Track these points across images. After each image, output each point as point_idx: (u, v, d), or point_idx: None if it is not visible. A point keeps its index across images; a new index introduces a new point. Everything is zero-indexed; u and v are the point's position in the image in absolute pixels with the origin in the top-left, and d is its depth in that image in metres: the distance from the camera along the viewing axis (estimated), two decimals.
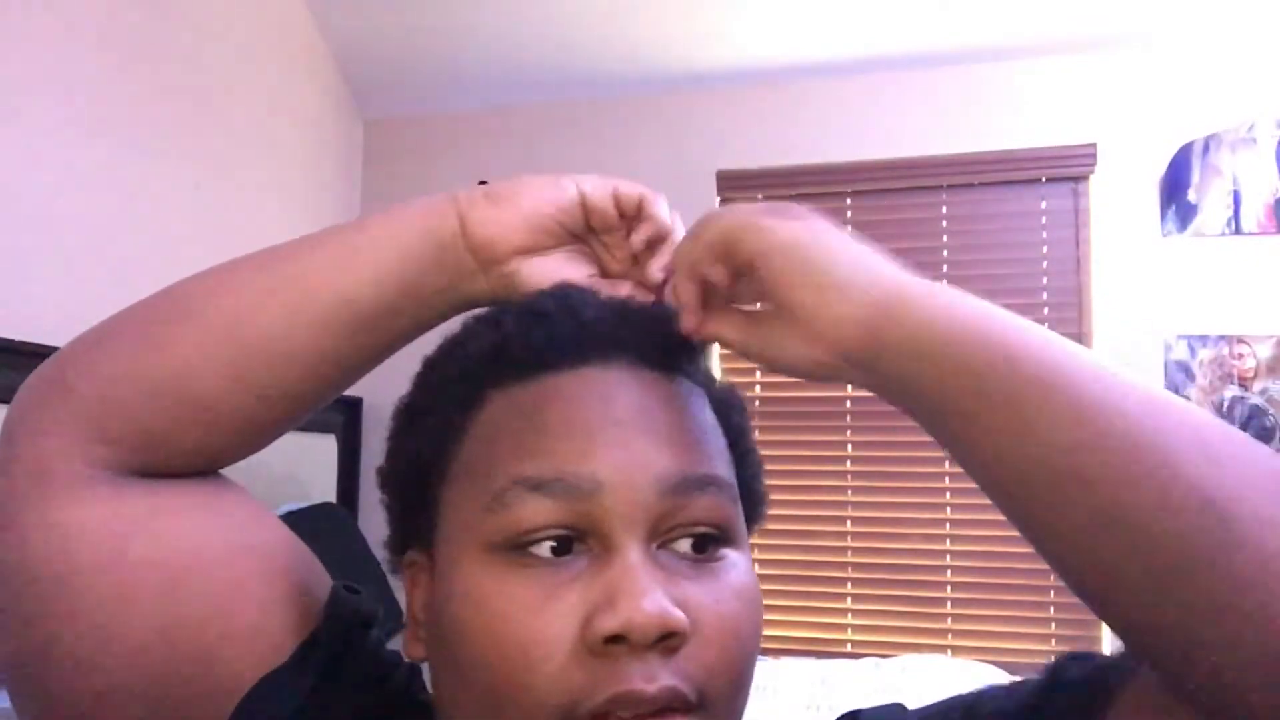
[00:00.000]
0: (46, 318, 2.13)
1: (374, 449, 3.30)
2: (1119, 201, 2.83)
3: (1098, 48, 2.86)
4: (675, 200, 2.68)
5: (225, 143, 2.76)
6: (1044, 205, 2.91)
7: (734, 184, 3.11)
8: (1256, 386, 2.70)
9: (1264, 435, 2.68)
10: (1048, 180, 2.90)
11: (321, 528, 2.66)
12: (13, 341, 1.97)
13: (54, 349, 2.16)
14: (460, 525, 0.44)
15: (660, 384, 0.47)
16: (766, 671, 2.28)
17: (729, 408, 0.51)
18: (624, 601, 0.39)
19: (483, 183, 0.55)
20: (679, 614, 0.40)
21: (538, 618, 0.40)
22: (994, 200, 2.95)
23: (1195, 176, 2.77)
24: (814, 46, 2.98)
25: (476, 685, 0.41)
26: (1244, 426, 2.69)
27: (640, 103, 3.22)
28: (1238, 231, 2.74)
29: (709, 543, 0.44)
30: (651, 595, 0.39)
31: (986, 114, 2.94)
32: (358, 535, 2.86)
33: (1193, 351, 2.74)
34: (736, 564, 0.45)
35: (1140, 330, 2.77)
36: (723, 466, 0.46)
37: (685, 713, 0.40)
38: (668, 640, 0.40)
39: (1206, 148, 2.77)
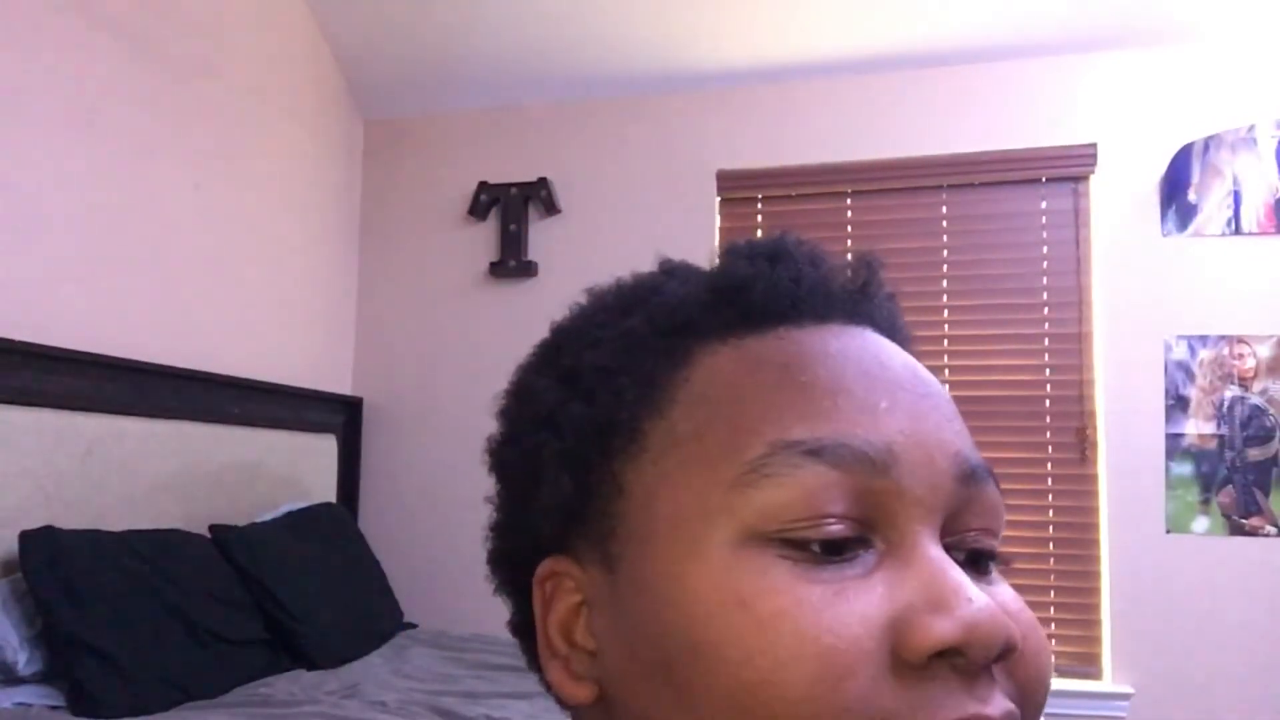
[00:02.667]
0: (47, 318, 2.13)
1: (374, 449, 3.31)
2: (1119, 201, 2.83)
3: (1098, 48, 2.86)
4: (675, 200, 2.72)
5: (226, 143, 2.76)
6: (1044, 205, 2.91)
7: (734, 184, 3.11)
8: (1256, 386, 2.70)
9: (1264, 435, 2.68)
10: (1048, 180, 2.90)
11: (321, 528, 2.66)
12: (13, 341, 1.97)
13: (54, 349, 2.17)
14: (688, 508, 0.34)
15: (918, 364, 0.38)
16: None
17: None
18: (956, 601, 0.31)
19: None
20: (1013, 623, 0.32)
21: (829, 619, 0.31)
22: (994, 200, 2.95)
23: (1195, 176, 2.77)
24: (814, 46, 2.98)
25: (738, 717, 0.31)
26: (1244, 426, 2.69)
27: (640, 103, 3.22)
28: (1238, 231, 2.74)
29: (985, 558, 0.36)
30: (985, 597, 0.31)
31: (986, 114, 2.94)
32: (358, 535, 2.86)
33: (1193, 351, 2.74)
34: (1006, 583, 0.37)
35: (1140, 330, 2.77)
36: None
37: None
38: (1004, 657, 0.32)
39: (1206, 148, 2.77)
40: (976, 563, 0.36)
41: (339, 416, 3.24)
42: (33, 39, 2.13)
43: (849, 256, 0.42)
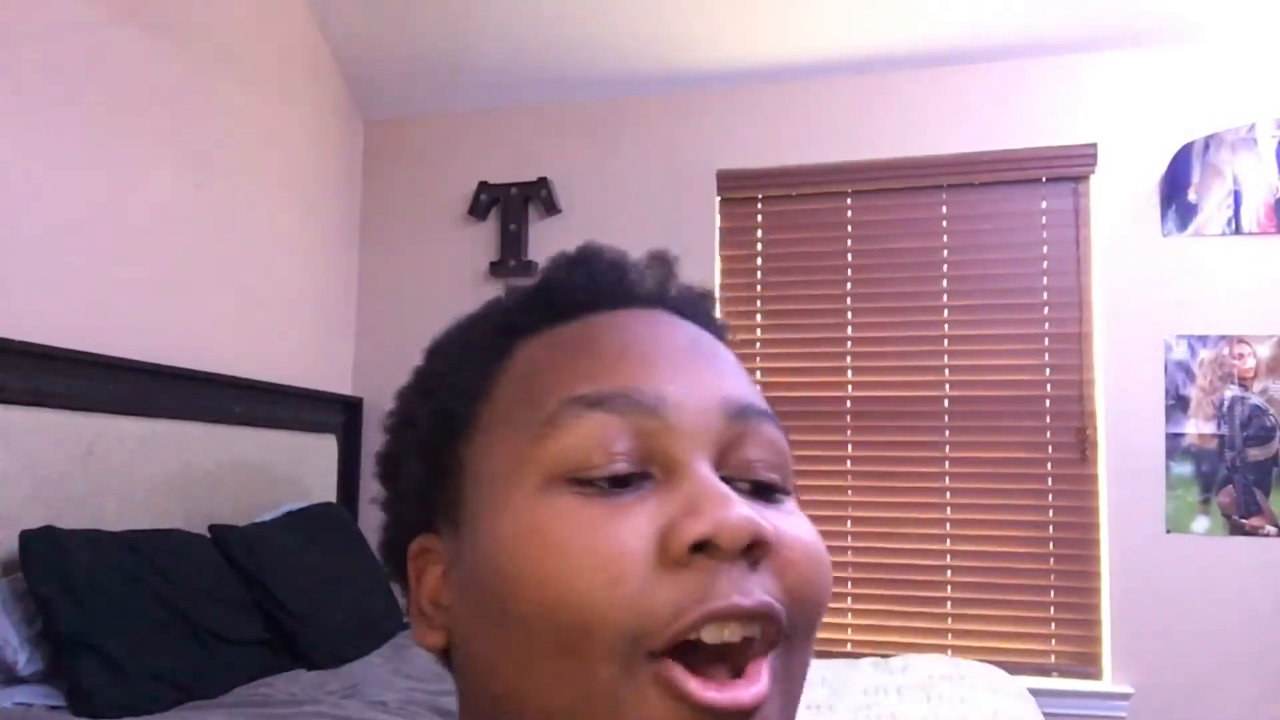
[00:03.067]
0: (47, 318, 2.13)
1: (374, 449, 3.29)
2: (1119, 201, 2.83)
3: (1098, 48, 2.86)
4: (675, 200, 2.72)
5: (226, 143, 2.76)
6: (1044, 205, 2.91)
7: (734, 184, 3.11)
8: (1256, 386, 2.70)
9: (1264, 435, 2.68)
10: (1048, 180, 2.90)
11: (321, 528, 2.66)
12: (12, 341, 1.97)
13: (55, 349, 2.17)
14: (500, 471, 0.40)
15: (706, 333, 0.45)
16: None
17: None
18: (710, 506, 0.36)
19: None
20: (767, 522, 0.36)
21: (606, 535, 0.36)
22: (994, 200, 2.95)
23: (1195, 176, 2.77)
24: (814, 46, 2.98)
25: (536, 632, 0.36)
26: (1244, 426, 2.69)
27: (640, 103, 3.22)
28: (1238, 231, 2.74)
29: (771, 490, 0.41)
30: (738, 501, 0.36)
31: (986, 114, 2.94)
32: (358, 535, 2.86)
33: (1193, 351, 2.74)
34: (799, 513, 0.41)
35: (1140, 330, 2.77)
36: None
37: (775, 640, 0.36)
38: (756, 550, 0.36)
39: (1206, 148, 2.77)
40: (764, 495, 0.40)
41: (339, 416, 3.24)
42: (32, 40, 2.13)
43: (648, 253, 0.50)
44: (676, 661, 0.35)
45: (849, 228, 3.05)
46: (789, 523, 0.39)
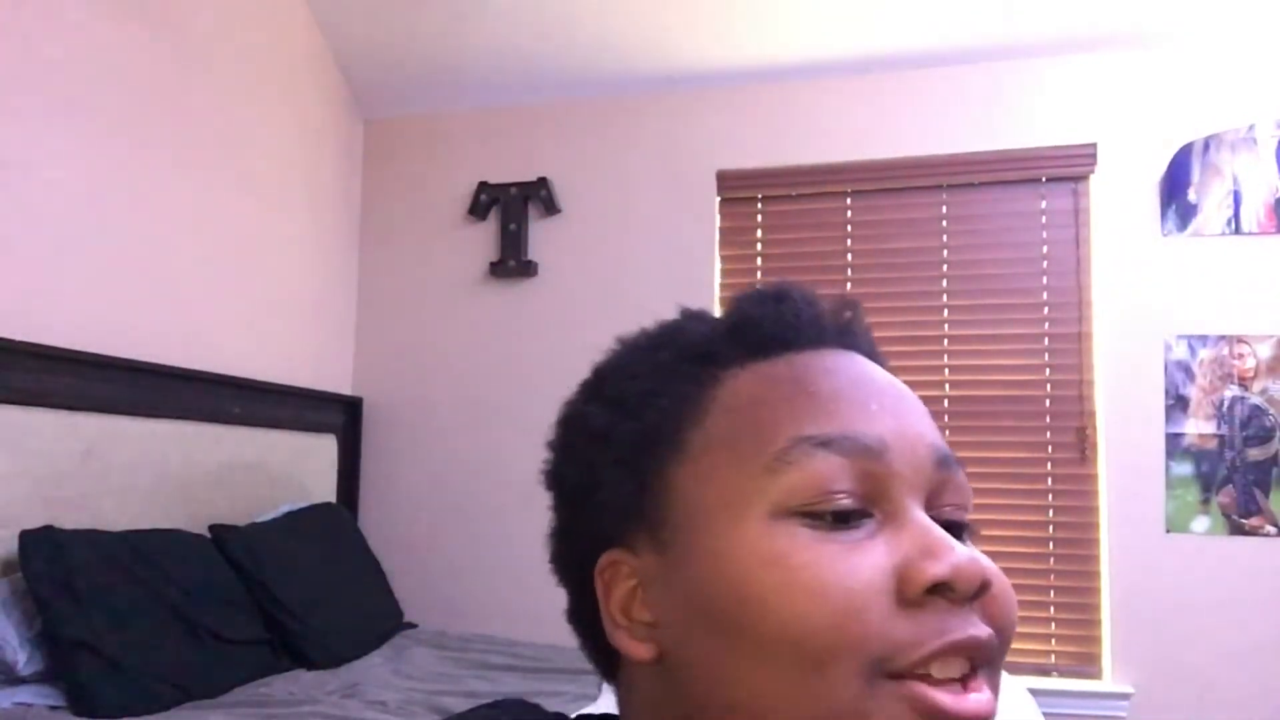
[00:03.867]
0: (47, 318, 2.13)
1: (374, 449, 3.31)
2: (1119, 201, 2.83)
3: (1098, 48, 2.86)
4: (675, 200, 2.72)
5: (226, 143, 2.76)
6: (1044, 205, 2.91)
7: (734, 184, 3.11)
8: (1256, 386, 2.70)
9: (1264, 435, 2.68)
10: (1048, 180, 2.90)
11: (321, 528, 2.66)
12: (13, 341, 1.97)
13: (55, 349, 2.17)
14: (728, 495, 0.42)
15: (895, 377, 0.48)
16: None
17: None
18: (944, 550, 0.39)
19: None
20: (989, 565, 0.40)
21: (848, 568, 0.39)
22: (994, 200, 2.95)
23: (1195, 176, 2.77)
24: (814, 46, 2.98)
25: (779, 651, 0.39)
26: (1244, 426, 2.69)
27: (640, 103, 3.22)
28: (1238, 231, 2.74)
29: (959, 530, 0.44)
30: (964, 546, 0.40)
31: (986, 114, 2.94)
32: (358, 535, 2.86)
33: (1193, 351, 2.74)
34: (976, 550, 0.44)
35: (1140, 330, 2.77)
36: None
37: (991, 665, 0.40)
38: (983, 591, 0.40)
39: (1206, 148, 2.77)
40: (951, 532, 0.43)
41: (339, 416, 3.25)
42: (32, 41, 2.13)
43: (832, 295, 0.52)
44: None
45: (849, 228, 3.05)
46: (984, 559, 0.42)
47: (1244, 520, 2.67)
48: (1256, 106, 2.76)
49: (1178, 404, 2.73)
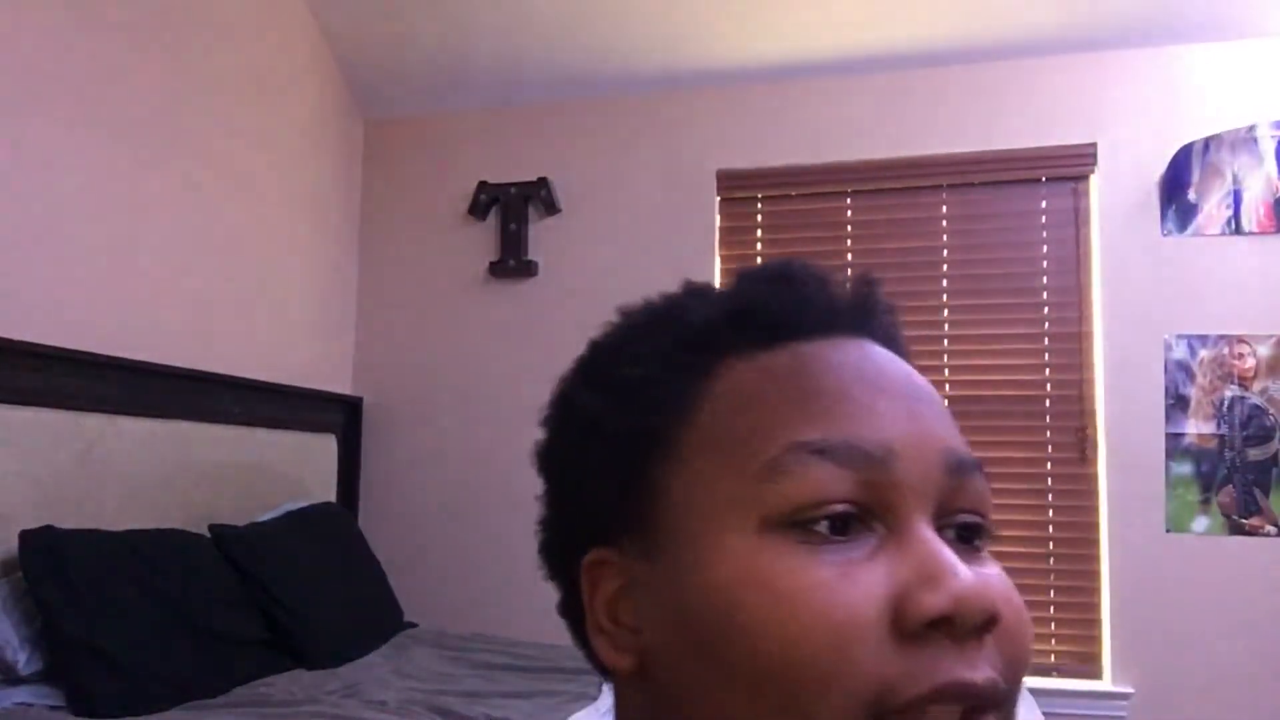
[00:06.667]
0: (47, 318, 2.13)
1: (374, 449, 3.31)
2: (1119, 201, 2.83)
3: (1098, 48, 2.86)
4: (675, 200, 2.72)
5: (226, 142, 2.76)
6: (1044, 205, 2.91)
7: (734, 184, 3.11)
8: (1256, 386, 2.70)
9: (1264, 435, 2.68)
10: (1048, 180, 2.90)
11: (321, 528, 2.66)
12: (13, 341, 1.97)
13: (55, 349, 2.17)
14: (717, 503, 0.39)
15: (913, 370, 0.44)
16: None
17: None
18: (946, 578, 0.35)
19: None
20: (997, 596, 0.36)
21: (839, 594, 0.35)
22: (994, 200, 2.95)
23: (1195, 176, 2.77)
24: (814, 46, 2.98)
25: (762, 681, 0.35)
26: (1244, 426, 2.69)
27: (640, 103, 3.22)
28: (1238, 231, 2.74)
29: (974, 534, 0.40)
30: (970, 573, 0.36)
31: (986, 114, 2.94)
32: (358, 535, 2.86)
33: (1193, 351, 2.74)
34: (994, 561, 0.41)
35: (1140, 330, 2.77)
36: None
37: (997, 709, 0.36)
38: (988, 627, 0.36)
39: (1206, 147, 2.77)
40: (967, 539, 0.40)
41: (339, 416, 3.25)
42: (32, 40, 2.13)
43: (849, 274, 0.47)
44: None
45: (849, 228, 3.05)
46: (996, 578, 0.39)
47: (1244, 520, 2.67)
48: (1256, 106, 2.75)
49: (1178, 404, 2.73)
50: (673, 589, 0.40)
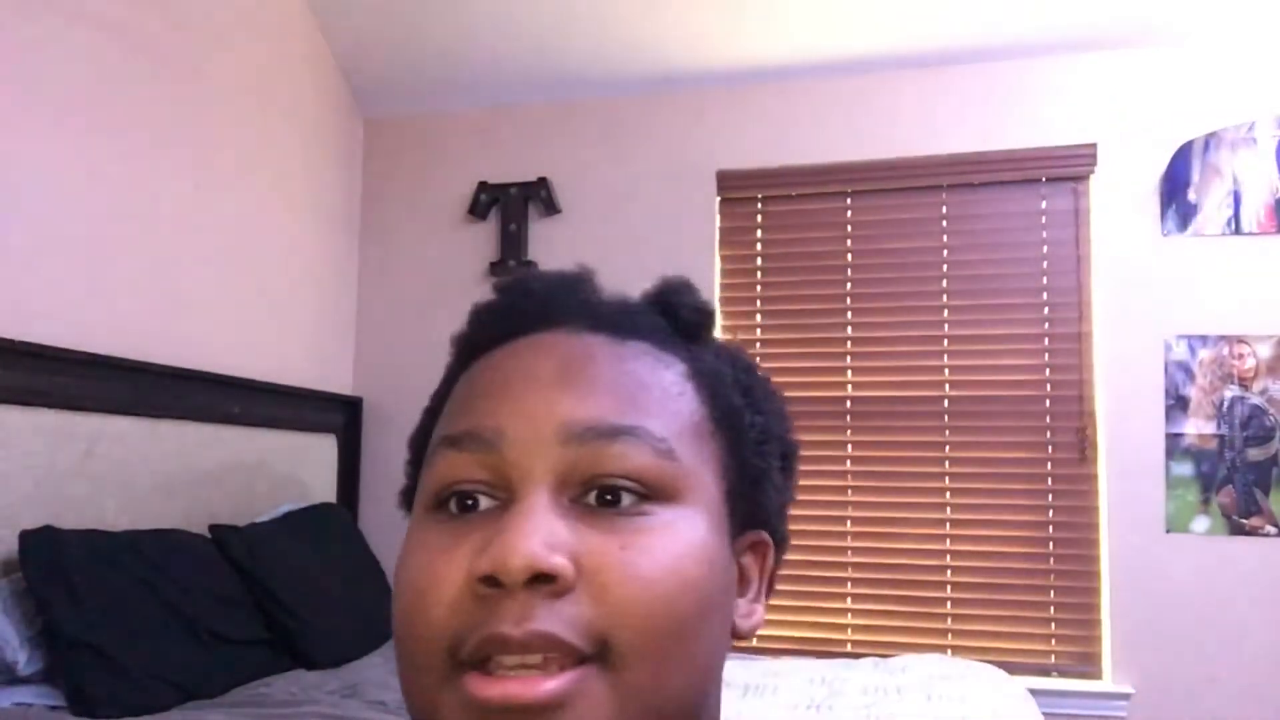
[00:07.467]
0: (46, 318, 2.13)
1: (374, 449, 3.31)
2: (1119, 201, 2.83)
3: (1098, 48, 2.86)
4: (675, 200, 2.72)
5: (226, 142, 2.76)
6: (1044, 205, 2.91)
7: (734, 184, 3.11)
8: (1256, 386, 2.70)
9: (1264, 435, 2.68)
10: (1048, 180, 2.90)
11: (321, 528, 2.66)
12: (13, 341, 1.97)
13: (55, 349, 2.16)
14: (419, 488, 0.47)
15: (603, 344, 0.47)
16: (767, 671, 2.28)
17: (716, 379, 0.49)
18: (497, 543, 0.39)
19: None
20: (555, 558, 0.39)
21: (438, 562, 0.41)
22: (994, 200, 2.95)
23: (1195, 176, 2.77)
24: (814, 46, 2.98)
25: (397, 647, 0.43)
26: (1244, 426, 2.69)
27: (640, 103, 3.22)
28: (1238, 231, 2.74)
29: (624, 496, 0.42)
30: (528, 537, 0.39)
31: (986, 114, 2.94)
32: (358, 535, 2.86)
33: (1193, 351, 2.74)
34: (671, 522, 0.42)
35: (1140, 330, 2.77)
36: (661, 422, 0.44)
37: (577, 663, 0.38)
38: (543, 583, 0.39)
39: (1206, 147, 2.77)
40: (615, 504, 0.42)
41: (339, 416, 3.24)
42: (31, 40, 2.13)
43: (575, 271, 0.52)
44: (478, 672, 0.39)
45: (849, 228, 3.05)
46: (622, 542, 0.41)
47: (1244, 520, 2.67)
48: (1256, 106, 2.76)
49: (1178, 404, 2.73)
50: None
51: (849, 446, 2.98)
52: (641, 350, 0.47)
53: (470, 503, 0.43)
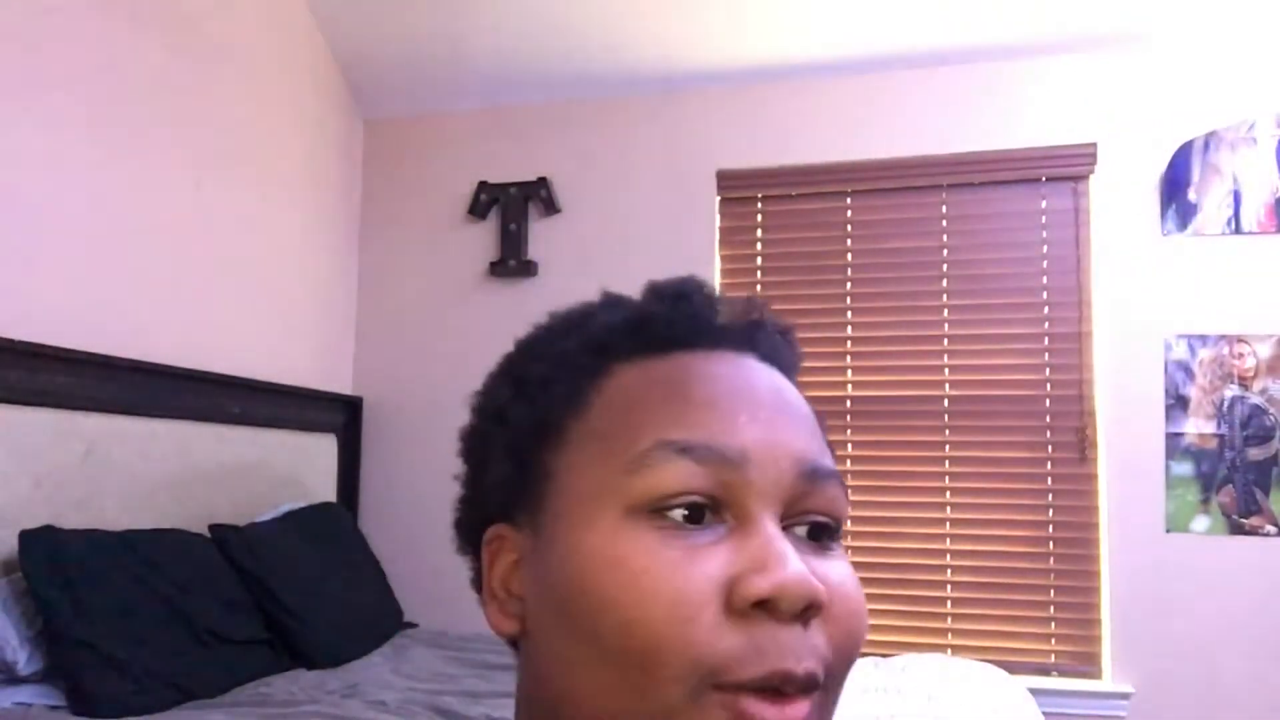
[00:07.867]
0: (47, 318, 2.13)
1: (374, 449, 3.31)
2: (1119, 201, 2.83)
3: (1098, 48, 2.86)
4: (675, 200, 2.72)
5: (226, 142, 2.76)
6: (1044, 205, 2.91)
7: (734, 184, 3.11)
8: (1256, 386, 2.70)
9: (1264, 435, 2.68)
10: (1048, 180, 2.90)
11: (321, 528, 2.66)
12: (13, 341, 1.97)
13: (55, 349, 2.17)
14: (591, 489, 0.44)
15: (778, 376, 0.49)
16: None
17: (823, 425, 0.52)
18: (775, 566, 0.40)
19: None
20: (823, 591, 0.41)
21: (681, 575, 0.40)
22: (994, 200, 2.95)
23: (1195, 176, 2.77)
24: (814, 46, 2.98)
25: (611, 649, 0.40)
26: (1244, 426, 2.69)
27: (640, 103, 3.22)
28: (1238, 231, 2.74)
29: (824, 533, 0.45)
30: (799, 564, 0.40)
31: (986, 114, 2.94)
32: (358, 535, 2.86)
33: (1193, 351, 2.74)
34: (844, 557, 0.46)
35: (1140, 330, 2.77)
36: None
37: (812, 692, 0.40)
38: (810, 611, 0.40)
39: (1206, 147, 2.77)
40: (817, 538, 0.45)
41: (339, 416, 3.25)
42: (32, 40, 2.13)
43: (746, 296, 0.54)
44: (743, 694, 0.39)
45: (849, 227, 3.05)
46: (836, 572, 0.43)
47: (1244, 520, 2.67)
48: (1256, 105, 2.76)
49: (1178, 404, 2.73)
50: (548, 563, 0.45)
51: (849, 446, 2.98)
52: (794, 386, 0.50)
53: (686, 514, 0.42)
